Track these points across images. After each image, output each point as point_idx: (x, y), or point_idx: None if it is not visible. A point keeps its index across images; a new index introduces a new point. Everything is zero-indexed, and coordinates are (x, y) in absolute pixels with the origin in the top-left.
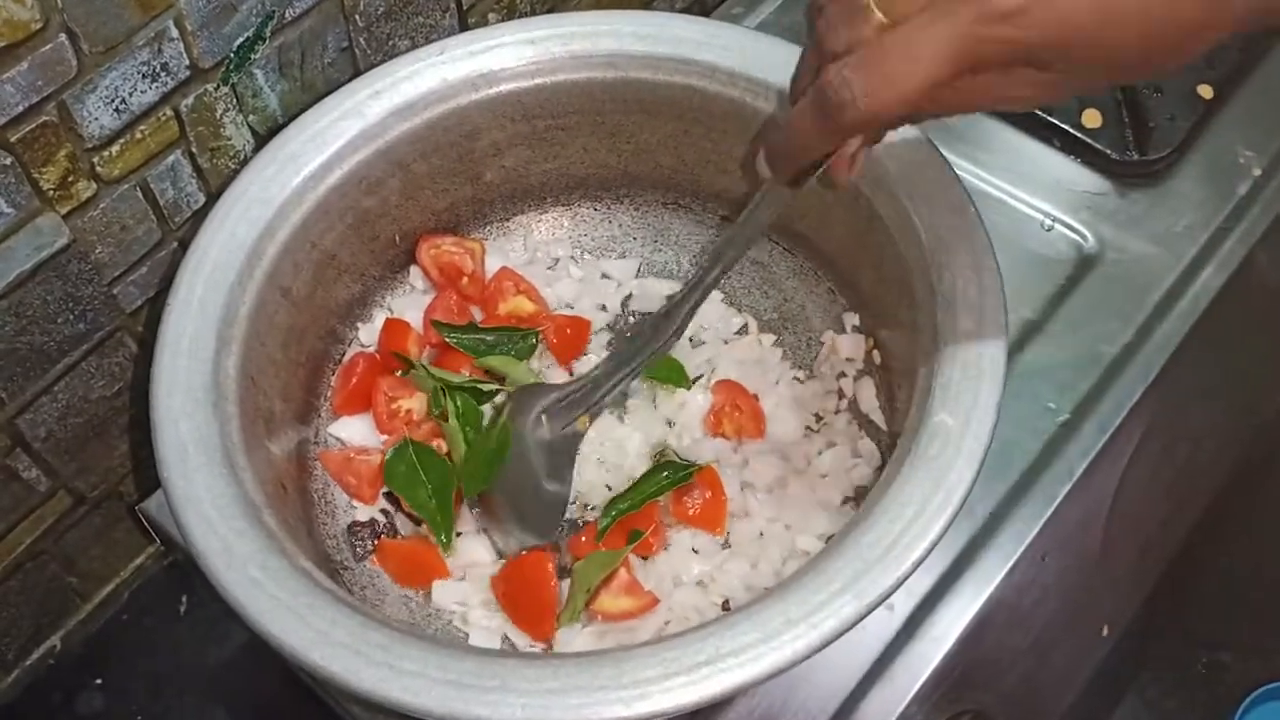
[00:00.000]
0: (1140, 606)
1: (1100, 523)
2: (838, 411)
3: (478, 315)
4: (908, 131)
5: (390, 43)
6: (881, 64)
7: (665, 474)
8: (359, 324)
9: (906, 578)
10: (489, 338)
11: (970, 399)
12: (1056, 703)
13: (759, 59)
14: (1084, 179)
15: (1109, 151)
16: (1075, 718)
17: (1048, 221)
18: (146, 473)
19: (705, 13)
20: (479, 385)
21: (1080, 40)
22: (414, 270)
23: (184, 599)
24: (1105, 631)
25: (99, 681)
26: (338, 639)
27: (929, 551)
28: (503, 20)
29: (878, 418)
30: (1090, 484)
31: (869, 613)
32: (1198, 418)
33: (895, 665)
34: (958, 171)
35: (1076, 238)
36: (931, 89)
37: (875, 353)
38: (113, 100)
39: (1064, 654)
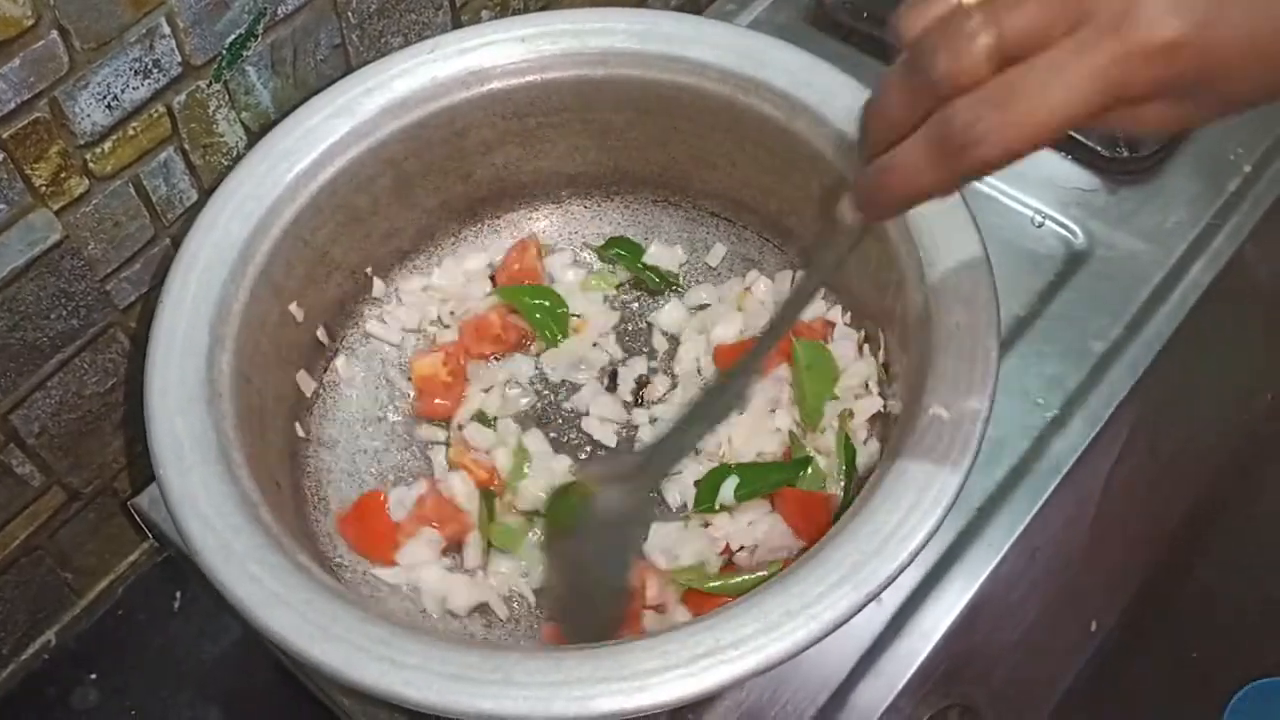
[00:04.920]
0: (1128, 602)
1: (1088, 518)
2: None
3: None
4: None
5: (383, 40)
6: (1017, 101)
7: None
8: (350, 323)
9: (904, 568)
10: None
11: (964, 391)
12: (1045, 697)
13: (749, 56)
14: (1074, 175)
15: (1099, 148)
16: (1064, 713)
17: (1038, 218)
18: (140, 468)
19: (698, 10)
20: None
21: (1230, 73)
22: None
23: (178, 594)
24: (1093, 626)
25: (93, 677)
26: (338, 634)
27: (926, 541)
28: (495, 17)
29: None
30: (1078, 479)
31: (867, 603)
32: (1186, 413)
33: (883, 659)
34: None
35: (1066, 234)
36: (1068, 126)
37: (865, 346)
38: (105, 97)
39: (1052, 649)
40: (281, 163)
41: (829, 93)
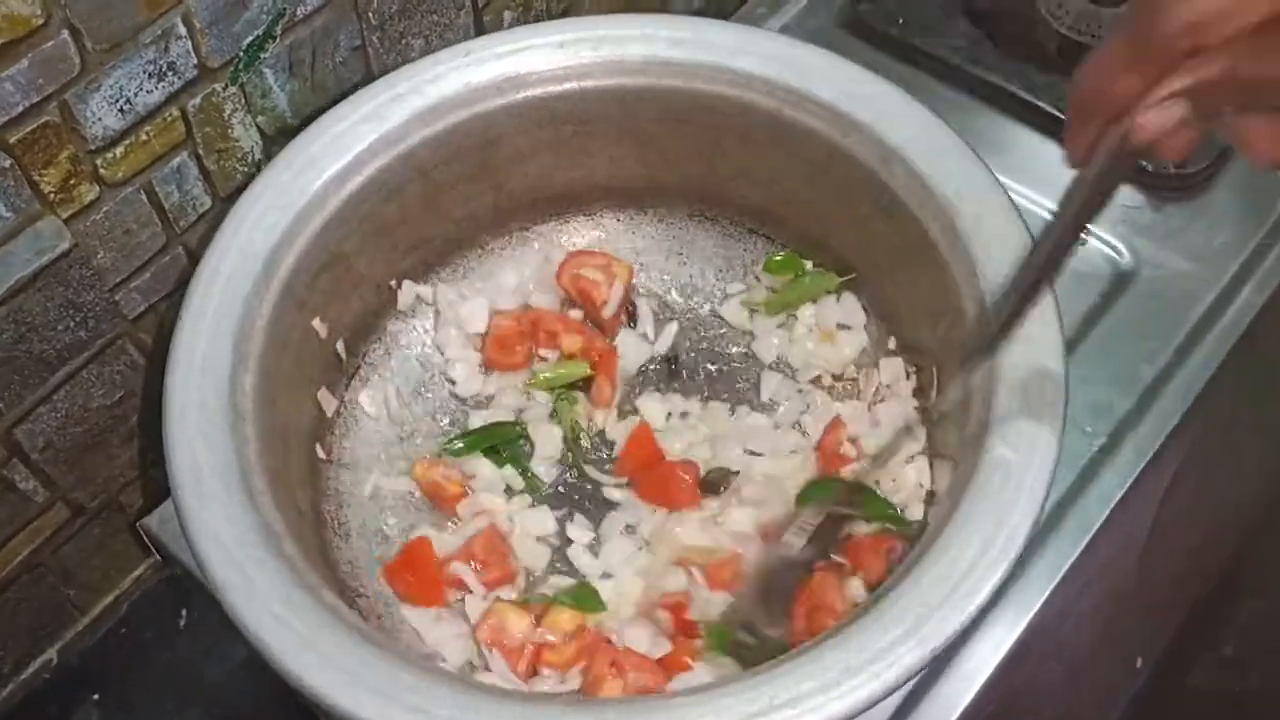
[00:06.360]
0: (1172, 637)
1: (1137, 551)
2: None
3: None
4: (957, 152)
5: (403, 41)
6: None
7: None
8: (374, 339)
9: (970, 621)
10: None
11: (1031, 432)
12: None
13: (796, 68)
14: (1119, 192)
15: (1145, 164)
16: None
17: (1082, 235)
18: (148, 483)
19: (725, 14)
20: None
21: None
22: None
23: (183, 612)
24: (1139, 663)
25: (96, 696)
26: (370, 682)
27: (993, 593)
28: (518, 18)
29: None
30: (1128, 511)
31: (932, 658)
32: (1238, 442)
33: (928, 699)
34: None
35: (1112, 252)
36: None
37: (915, 376)
38: (117, 100)
39: (1099, 686)
40: (308, 170)
41: (880, 108)
